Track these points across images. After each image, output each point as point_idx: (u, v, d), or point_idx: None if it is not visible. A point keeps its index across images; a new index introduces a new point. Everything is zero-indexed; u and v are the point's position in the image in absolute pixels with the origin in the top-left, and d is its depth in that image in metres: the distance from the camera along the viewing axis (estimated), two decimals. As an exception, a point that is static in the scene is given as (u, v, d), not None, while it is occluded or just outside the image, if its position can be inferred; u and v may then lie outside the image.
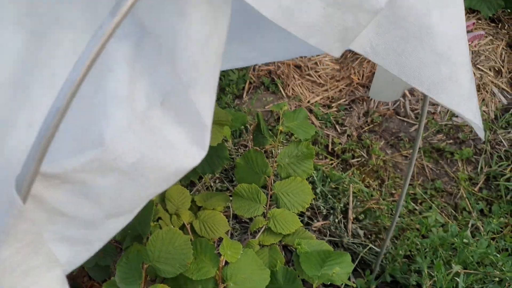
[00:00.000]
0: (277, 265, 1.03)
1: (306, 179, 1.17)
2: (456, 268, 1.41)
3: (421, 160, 2.08)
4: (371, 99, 2.28)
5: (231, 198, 1.22)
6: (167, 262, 0.88)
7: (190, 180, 1.73)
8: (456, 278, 1.42)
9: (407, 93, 2.30)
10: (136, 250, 0.94)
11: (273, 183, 1.16)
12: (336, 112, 2.24)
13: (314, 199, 1.66)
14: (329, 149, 2.10)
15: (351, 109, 2.27)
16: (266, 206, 1.14)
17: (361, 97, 2.29)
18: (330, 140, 2.12)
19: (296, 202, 1.14)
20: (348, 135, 2.15)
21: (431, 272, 1.50)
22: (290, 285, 1.00)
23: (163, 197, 1.15)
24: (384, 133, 2.19)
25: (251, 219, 1.76)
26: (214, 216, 1.15)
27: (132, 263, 0.91)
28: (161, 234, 0.92)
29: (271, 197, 1.16)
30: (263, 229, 1.12)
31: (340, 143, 2.11)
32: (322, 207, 1.87)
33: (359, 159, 2.07)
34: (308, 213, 1.87)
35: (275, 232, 1.10)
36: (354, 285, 1.56)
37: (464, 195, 1.94)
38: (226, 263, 0.93)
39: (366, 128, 2.18)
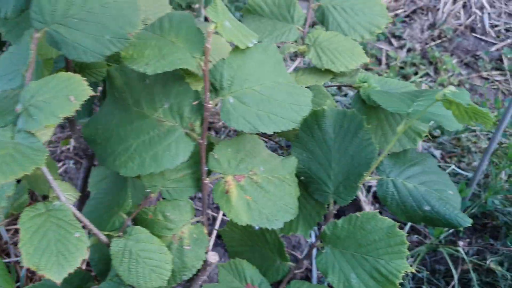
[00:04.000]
0: (326, 104, 0.52)
1: None
2: None
3: None
4: (438, 8, 1.74)
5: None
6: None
7: None
8: None
9: (485, 3, 1.75)
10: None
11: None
12: (391, 25, 1.71)
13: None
14: (382, 63, 1.57)
15: (412, 21, 1.73)
16: (304, 27, 0.64)
17: (425, 6, 1.75)
18: (384, 54, 1.59)
19: (358, 23, 0.63)
20: (408, 49, 1.62)
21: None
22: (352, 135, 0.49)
23: None
24: (456, 51, 1.64)
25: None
26: None
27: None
28: None
29: (313, 13, 0.65)
30: (297, 62, 0.61)
31: (396, 58, 1.58)
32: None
33: (424, 78, 1.53)
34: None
35: (320, 67, 0.60)
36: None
37: None
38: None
39: (432, 43, 1.64)
